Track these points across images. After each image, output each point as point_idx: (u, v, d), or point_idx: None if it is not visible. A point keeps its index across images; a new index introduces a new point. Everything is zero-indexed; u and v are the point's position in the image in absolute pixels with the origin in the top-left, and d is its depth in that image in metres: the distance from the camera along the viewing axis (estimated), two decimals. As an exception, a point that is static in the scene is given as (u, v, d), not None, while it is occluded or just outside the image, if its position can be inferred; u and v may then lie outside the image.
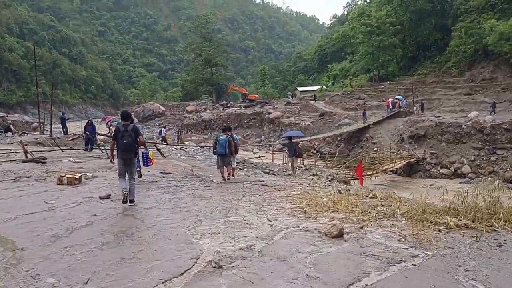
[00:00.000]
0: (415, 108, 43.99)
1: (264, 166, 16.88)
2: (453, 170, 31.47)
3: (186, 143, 42.03)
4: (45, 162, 12.22)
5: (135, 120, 45.81)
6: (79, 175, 8.93)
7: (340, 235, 5.53)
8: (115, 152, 7.45)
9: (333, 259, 4.64)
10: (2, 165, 11.81)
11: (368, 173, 27.63)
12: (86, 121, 20.66)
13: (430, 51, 60.93)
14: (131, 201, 7.28)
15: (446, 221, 6.01)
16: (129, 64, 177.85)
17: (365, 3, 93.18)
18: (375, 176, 27.94)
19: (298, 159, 17.76)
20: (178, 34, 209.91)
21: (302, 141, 43.59)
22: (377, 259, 4.65)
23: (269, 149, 42.76)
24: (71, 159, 13.56)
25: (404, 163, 31.24)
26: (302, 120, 51.93)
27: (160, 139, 41.93)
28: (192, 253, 4.80)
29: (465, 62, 50.78)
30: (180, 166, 10.55)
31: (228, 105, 71.48)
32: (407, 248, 5.03)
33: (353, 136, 40.91)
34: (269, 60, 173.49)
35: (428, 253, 4.88)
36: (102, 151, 16.38)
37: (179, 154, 19.78)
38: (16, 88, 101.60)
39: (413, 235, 5.52)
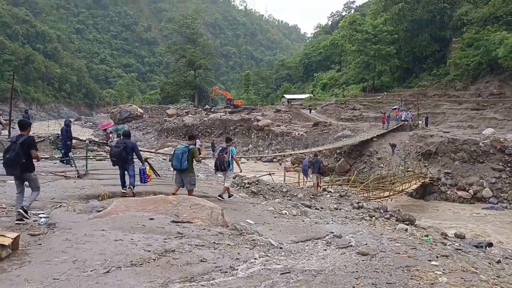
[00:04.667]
0: (419, 122, 40.83)
1: (284, 190, 12.90)
2: (472, 193, 28.04)
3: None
4: (-25, 186, 7.92)
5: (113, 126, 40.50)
6: (14, 235, 4.38)
7: None
8: None
9: None
10: None
11: (385, 194, 24.08)
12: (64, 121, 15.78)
13: (426, 63, 58.22)
14: (23, 210, 6.02)
15: None
16: (107, 64, 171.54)
17: (355, 12, 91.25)
18: (391, 199, 24.25)
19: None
20: (159, 36, 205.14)
21: (296, 153, 40.05)
22: None
23: (280, 163, 38.89)
24: (20, 179, 9.21)
25: (419, 183, 27.68)
26: (294, 130, 48.21)
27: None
28: None
29: (467, 76, 48.06)
30: (202, 207, 6.33)
31: (212, 110, 67.27)
32: None
33: (354, 149, 37.25)
34: (251, 67, 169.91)
35: None
36: (71, 165, 11.92)
37: (171, 169, 15.51)
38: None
39: None
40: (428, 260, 5.23)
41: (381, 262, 5.00)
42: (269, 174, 19.28)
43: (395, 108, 42.71)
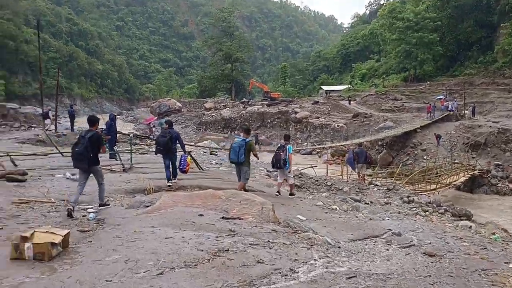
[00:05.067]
0: (466, 111, 39.11)
1: (329, 183, 12.50)
2: (526, 186, 26.53)
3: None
4: (24, 180, 7.95)
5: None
6: (64, 232, 4.27)
7: None
8: None
9: None
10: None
11: (431, 187, 23.15)
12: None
13: (472, 50, 55.69)
14: (102, 205, 6.68)
15: None
16: (145, 60, 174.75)
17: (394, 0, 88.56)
18: (438, 192, 23.26)
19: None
20: (196, 31, 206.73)
21: (336, 145, 39.36)
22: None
23: (319, 156, 38.24)
24: (68, 173, 9.23)
25: (468, 176, 26.45)
26: (333, 121, 47.31)
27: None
28: None
29: (517, 63, 45.61)
30: (252, 202, 6.06)
31: (250, 103, 67.09)
32: None
33: (397, 141, 36.16)
34: (287, 59, 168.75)
35: None
36: (116, 159, 12.00)
37: (213, 162, 15.42)
38: (32, 80, 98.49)
39: None
40: (505, 263, 4.74)
41: (452, 265, 4.56)
42: (311, 167, 18.85)
43: (440, 98, 41.04)
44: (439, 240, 5.82)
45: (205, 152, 19.87)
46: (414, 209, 10.21)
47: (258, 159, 10.11)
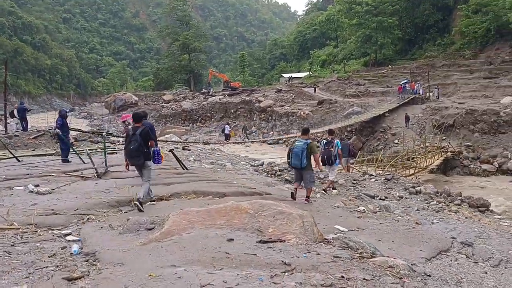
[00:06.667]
0: (431, 94, 39.32)
1: (322, 176, 11.38)
2: (497, 166, 26.71)
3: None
4: (-24, 199, 6.25)
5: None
6: None
7: None
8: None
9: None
10: None
11: (410, 172, 22.83)
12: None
13: (429, 33, 56.32)
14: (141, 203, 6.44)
15: None
16: (96, 53, 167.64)
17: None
18: (416, 176, 22.89)
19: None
20: (147, 22, 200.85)
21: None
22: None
23: (287, 145, 37.17)
24: (31, 185, 7.44)
25: (442, 158, 26.34)
26: (299, 109, 46.59)
27: (223, 137, 38.63)
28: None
29: (475, 44, 46.31)
30: (289, 216, 4.67)
31: (211, 94, 65.34)
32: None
33: (366, 126, 35.84)
34: (242, 48, 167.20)
35: None
36: (83, 161, 10.22)
37: (191, 158, 13.91)
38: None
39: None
40: None
41: None
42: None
43: (406, 82, 40.89)
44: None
45: (177, 148, 18.31)
46: (434, 203, 9.30)
47: (320, 168, 9.22)
